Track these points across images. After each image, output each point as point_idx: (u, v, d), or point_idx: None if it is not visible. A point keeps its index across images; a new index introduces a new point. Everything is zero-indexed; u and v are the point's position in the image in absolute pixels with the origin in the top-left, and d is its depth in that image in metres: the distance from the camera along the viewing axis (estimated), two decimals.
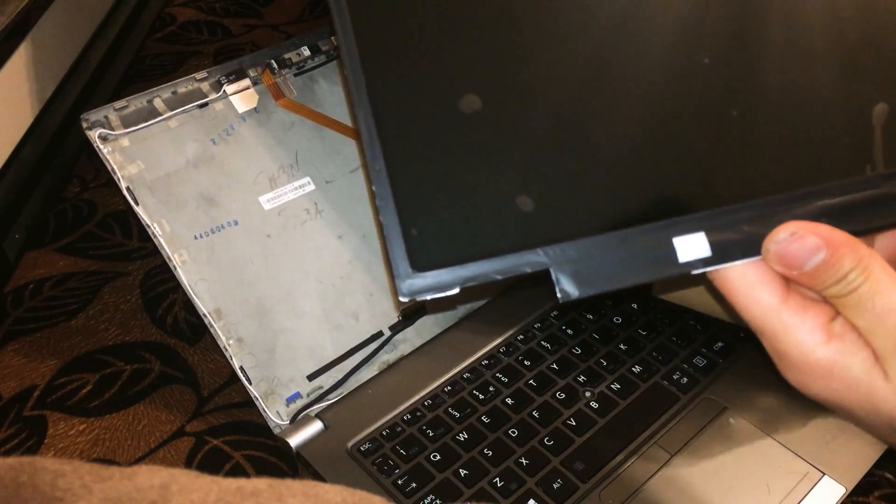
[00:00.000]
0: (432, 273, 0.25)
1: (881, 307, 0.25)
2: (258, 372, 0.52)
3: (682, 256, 0.26)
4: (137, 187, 0.50)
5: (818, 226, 0.26)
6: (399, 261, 0.25)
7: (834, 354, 0.26)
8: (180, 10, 1.08)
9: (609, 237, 0.26)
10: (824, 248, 0.26)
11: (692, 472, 0.47)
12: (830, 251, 0.26)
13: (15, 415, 0.56)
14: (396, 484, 0.47)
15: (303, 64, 0.56)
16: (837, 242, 0.26)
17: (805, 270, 0.26)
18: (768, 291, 0.27)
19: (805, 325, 0.27)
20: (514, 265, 0.25)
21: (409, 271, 0.25)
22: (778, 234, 0.26)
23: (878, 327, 0.26)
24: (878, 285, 0.25)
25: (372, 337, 0.55)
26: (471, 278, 0.25)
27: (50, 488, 0.24)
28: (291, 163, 0.54)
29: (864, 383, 0.26)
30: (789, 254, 0.26)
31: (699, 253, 0.26)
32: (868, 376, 0.26)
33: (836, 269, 0.26)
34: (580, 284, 0.25)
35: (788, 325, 0.27)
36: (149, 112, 0.51)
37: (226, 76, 0.53)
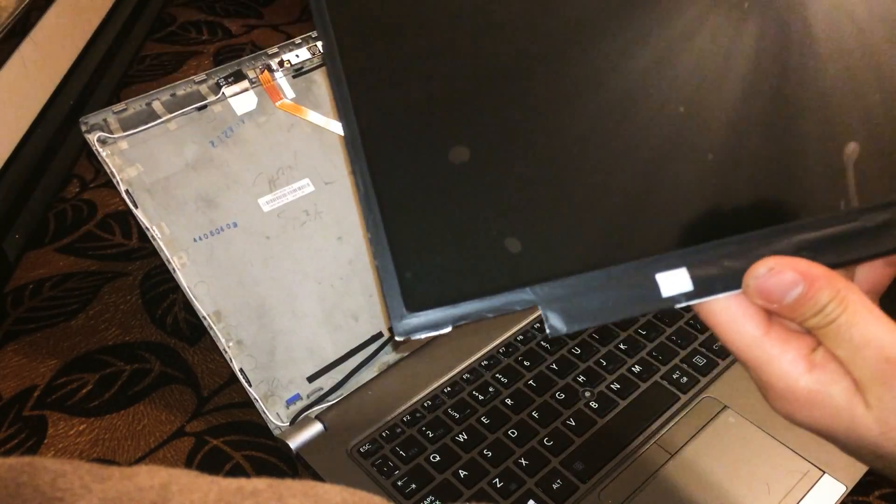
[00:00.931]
0: (426, 313, 0.26)
1: (859, 337, 0.26)
2: (258, 374, 0.52)
3: (666, 291, 0.27)
4: (136, 190, 0.50)
5: (796, 260, 0.27)
6: (394, 302, 0.26)
7: (816, 384, 0.27)
8: (180, 10, 1.08)
9: (594, 275, 0.27)
10: (802, 282, 0.26)
11: (692, 472, 0.48)
12: (808, 285, 0.26)
13: (15, 415, 0.56)
14: (396, 485, 0.47)
15: (301, 65, 0.56)
16: (814, 276, 0.27)
17: (785, 304, 0.27)
18: (751, 324, 0.28)
19: (787, 355, 0.27)
20: (504, 304, 0.27)
21: (403, 312, 0.26)
22: (757, 269, 0.27)
23: (856, 357, 0.26)
24: (856, 316, 0.26)
25: (372, 338, 0.55)
26: (462, 317, 0.26)
27: (50, 488, 0.24)
28: (290, 164, 0.54)
29: (846, 411, 0.27)
30: (768, 288, 0.27)
31: (682, 288, 0.27)
32: (849, 404, 0.27)
33: (814, 302, 0.27)
34: (568, 321, 0.27)
35: (772, 355, 0.28)
36: (148, 115, 0.51)
37: (224, 78, 0.53)
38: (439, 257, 0.26)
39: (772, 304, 0.27)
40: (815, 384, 0.27)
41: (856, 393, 0.27)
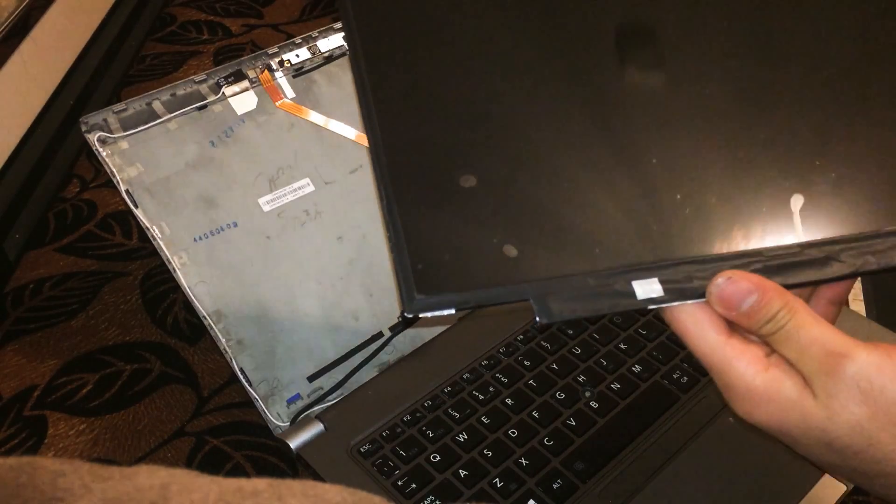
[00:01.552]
0: (433, 297, 0.31)
1: (805, 338, 0.30)
2: (258, 374, 0.52)
3: (640, 295, 0.32)
4: (137, 190, 0.50)
5: (750, 274, 0.32)
6: (407, 286, 0.31)
7: (770, 381, 0.31)
8: (180, 10, 1.08)
9: (578, 278, 0.32)
10: (756, 292, 0.31)
11: (692, 472, 0.48)
12: (761, 294, 0.31)
13: (15, 415, 0.56)
14: (396, 485, 0.47)
15: (302, 65, 0.56)
16: (767, 287, 0.31)
17: (742, 311, 0.31)
18: (714, 330, 0.32)
19: (745, 358, 0.31)
20: (499, 295, 0.32)
21: (414, 294, 0.31)
22: (717, 278, 0.31)
23: (803, 356, 0.30)
24: (802, 322, 0.31)
25: (372, 338, 0.55)
26: (463, 302, 0.31)
27: (50, 488, 0.24)
28: (290, 164, 0.54)
29: (797, 403, 0.30)
30: (726, 296, 0.31)
31: (653, 293, 0.32)
32: (800, 396, 0.30)
33: (766, 310, 0.31)
34: (554, 312, 0.31)
35: (731, 358, 0.31)
36: (148, 114, 0.51)
37: (224, 78, 0.53)
38: (447, 255, 0.32)
39: (730, 312, 0.31)
40: (770, 381, 0.31)
41: (805, 386, 0.31)
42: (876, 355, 0.30)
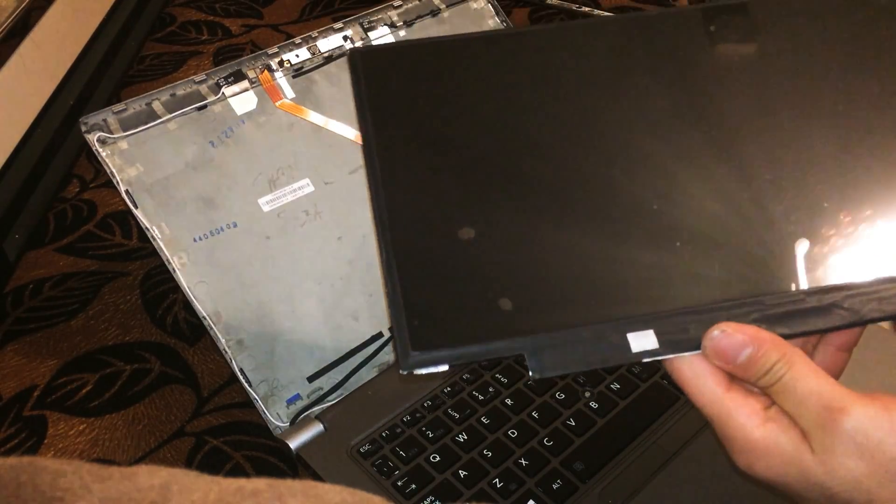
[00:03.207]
0: (428, 353, 0.31)
1: (802, 391, 0.30)
2: (258, 374, 0.52)
3: (635, 348, 0.31)
4: (136, 190, 0.50)
5: (746, 326, 0.31)
6: (402, 343, 0.31)
7: (769, 434, 0.31)
8: (180, 10, 1.08)
9: (574, 331, 0.32)
10: (751, 344, 0.31)
11: (692, 472, 0.48)
12: (756, 346, 0.31)
13: (15, 415, 0.56)
14: (396, 485, 0.47)
15: (301, 65, 0.56)
16: (762, 339, 0.31)
17: (738, 363, 0.31)
18: (713, 381, 0.32)
19: (745, 410, 0.31)
20: (494, 351, 0.31)
21: (409, 351, 0.31)
22: (712, 331, 0.31)
23: (801, 409, 0.30)
24: (799, 374, 0.30)
25: (372, 338, 0.55)
26: (458, 358, 0.31)
27: (50, 488, 0.24)
28: (290, 164, 0.54)
29: (795, 458, 0.30)
30: (721, 348, 0.31)
31: (648, 346, 0.31)
32: (797, 451, 0.30)
33: (763, 362, 0.31)
34: (548, 367, 0.31)
35: (731, 410, 0.31)
36: (147, 115, 0.51)
37: (224, 78, 0.53)
38: (442, 310, 0.32)
39: (727, 364, 0.31)
40: (768, 434, 0.31)
41: (802, 441, 0.30)
42: (872, 409, 0.29)
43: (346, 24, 0.58)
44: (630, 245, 0.33)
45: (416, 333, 0.31)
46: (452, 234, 0.33)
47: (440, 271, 0.32)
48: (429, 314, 0.31)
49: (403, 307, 0.31)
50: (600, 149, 0.34)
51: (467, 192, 0.33)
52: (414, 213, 0.33)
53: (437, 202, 0.33)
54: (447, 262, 0.32)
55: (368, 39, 0.59)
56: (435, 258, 0.32)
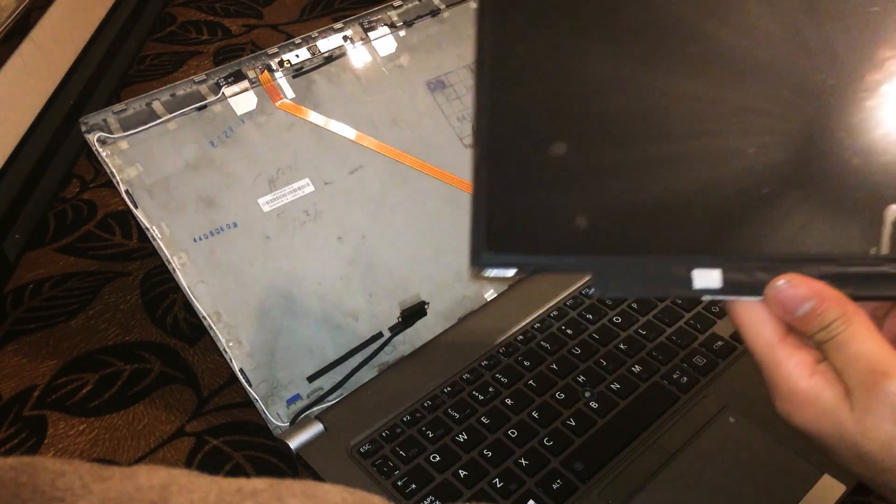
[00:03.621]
0: (500, 255, 0.32)
1: (853, 351, 0.31)
2: (258, 374, 0.52)
3: (697, 284, 0.32)
4: (136, 190, 0.50)
5: (811, 280, 0.31)
6: (478, 240, 0.32)
7: (813, 386, 0.32)
8: (180, 10, 1.08)
9: (642, 258, 0.32)
10: (813, 299, 0.31)
11: (692, 472, 0.48)
12: (818, 301, 0.31)
13: (15, 415, 0.56)
14: (396, 485, 0.47)
15: (301, 65, 0.56)
16: (826, 296, 0.31)
17: (797, 315, 0.31)
18: (770, 329, 0.32)
19: (794, 360, 0.32)
20: (563, 265, 0.33)
21: (483, 250, 0.32)
22: (777, 280, 0.32)
23: (849, 367, 0.31)
24: (855, 334, 0.31)
25: (372, 338, 0.55)
26: (527, 266, 0.33)
27: (50, 488, 0.24)
28: (290, 164, 0.54)
29: (834, 413, 0.31)
30: (784, 298, 0.31)
31: (711, 284, 0.32)
32: (837, 407, 0.31)
33: (822, 318, 0.31)
34: (610, 289, 0.32)
35: (782, 359, 0.32)
36: (147, 115, 0.51)
37: (224, 78, 0.53)
38: (522, 217, 0.33)
39: (786, 315, 0.32)
40: (812, 387, 0.31)
41: (845, 398, 0.31)
42: None
43: (346, 24, 0.58)
44: (714, 183, 0.33)
45: (493, 234, 0.32)
46: (546, 146, 0.33)
47: (527, 180, 0.33)
48: (508, 218, 0.33)
49: (486, 206, 0.32)
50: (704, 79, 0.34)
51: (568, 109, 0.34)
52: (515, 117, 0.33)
53: (538, 113, 0.34)
54: (535, 172, 0.33)
55: (368, 40, 0.59)
56: (525, 166, 0.33)
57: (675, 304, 0.58)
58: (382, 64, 0.59)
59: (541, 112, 0.34)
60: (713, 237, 0.33)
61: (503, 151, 0.33)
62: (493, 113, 0.33)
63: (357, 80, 0.58)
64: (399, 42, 0.60)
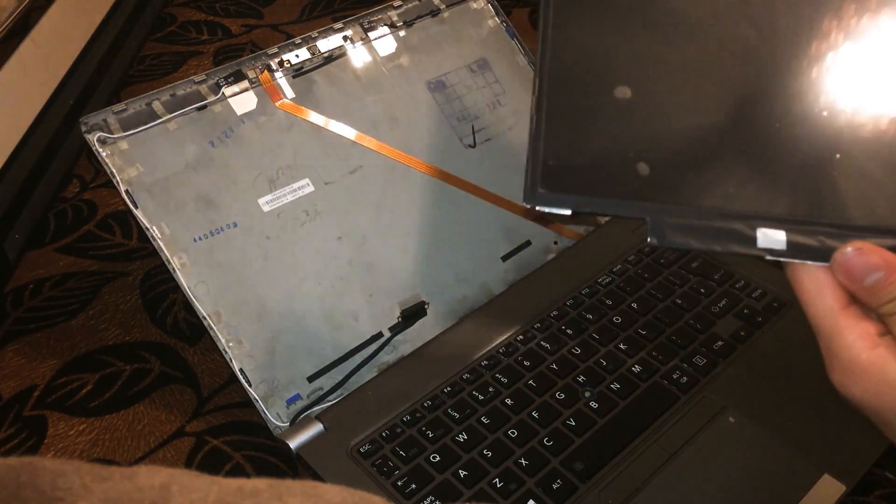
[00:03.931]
0: (556, 194, 0.31)
1: None
2: (258, 374, 0.52)
3: (761, 243, 0.31)
4: (136, 190, 0.50)
5: (882, 250, 0.30)
6: (533, 178, 0.31)
7: (876, 358, 0.30)
8: (180, 10, 1.08)
9: (705, 210, 0.31)
10: (884, 268, 0.30)
11: (692, 472, 0.48)
12: (889, 272, 0.30)
13: (15, 415, 0.56)
14: (396, 485, 0.47)
15: (301, 65, 0.56)
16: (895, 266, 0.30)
17: (865, 285, 0.30)
18: (832, 296, 0.31)
19: (856, 330, 0.31)
20: (619, 208, 0.32)
21: (538, 187, 0.31)
22: (846, 247, 0.30)
23: None
24: None
25: (372, 338, 0.56)
26: (583, 206, 0.31)
27: (50, 488, 0.24)
28: (290, 164, 0.54)
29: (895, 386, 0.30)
30: (852, 266, 0.30)
31: (776, 245, 0.31)
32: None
33: (891, 289, 0.30)
34: (668, 237, 0.31)
35: (843, 328, 0.31)
36: (147, 115, 0.51)
37: (224, 78, 0.53)
38: (580, 157, 0.32)
39: (852, 284, 0.30)
40: (875, 358, 0.30)
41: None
42: None
43: (346, 24, 0.58)
44: (786, 144, 0.32)
45: (550, 171, 0.31)
46: (610, 89, 0.32)
47: (588, 121, 0.32)
48: (566, 157, 0.32)
49: (543, 144, 0.31)
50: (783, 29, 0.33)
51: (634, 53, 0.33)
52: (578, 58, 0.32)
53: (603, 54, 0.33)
54: (597, 114, 0.32)
55: (368, 40, 0.59)
56: (586, 107, 0.32)
57: (676, 304, 0.58)
58: (382, 64, 0.59)
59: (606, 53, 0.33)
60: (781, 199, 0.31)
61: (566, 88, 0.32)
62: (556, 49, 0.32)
63: (357, 80, 0.58)
64: (399, 42, 0.60)
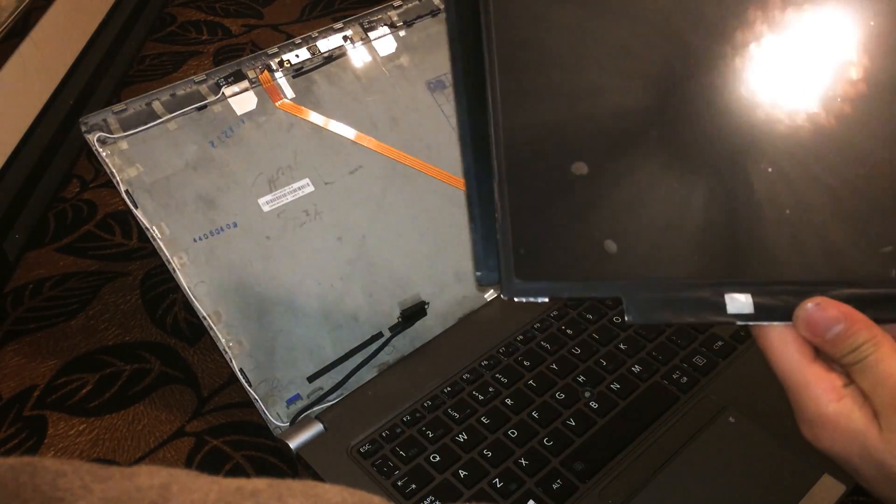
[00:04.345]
0: (531, 283, 0.32)
1: (882, 372, 0.31)
2: (258, 374, 0.52)
3: (730, 309, 0.32)
4: (136, 190, 0.50)
5: (841, 303, 0.32)
6: (507, 269, 0.31)
7: (841, 409, 0.32)
8: (180, 10, 1.08)
9: (674, 282, 0.32)
10: (844, 322, 0.31)
11: (692, 472, 0.48)
12: (848, 324, 0.31)
13: (15, 415, 0.56)
14: (396, 485, 0.47)
15: (301, 65, 0.56)
16: (856, 318, 0.31)
17: (827, 338, 0.31)
18: (798, 351, 0.32)
19: (822, 384, 0.32)
20: (594, 290, 0.32)
21: (513, 278, 0.31)
22: (806, 304, 0.32)
23: (877, 388, 0.31)
24: (884, 356, 0.31)
25: (372, 338, 0.55)
26: (559, 291, 0.32)
27: (50, 488, 0.24)
28: (290, 164, 0.54)
29: (861, 434, 0.31)
30: (814, 322, 0.32)
31: (744, 310, 0.32)
32: (865, 428, 0.31)
33: (852, 340, 0.31)
34: (642, 314, 0.32)
35: (810, 382, 0.32)
36: (147, 115, 0.51)
37: (224, 78, 0.53)
38: (550, 242, 0.32)
39: (815, 337, 0.32)
40: (840, 410, 0.32)
41: (873, 420, 0.31)
42: None
43: (346, 24, 0.58)
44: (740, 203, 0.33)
45: (522, 262, 0.31)
46: (566, 167, 0.32)
47: (550, 203, 0.32)
48: (536, 244, 0.32)
49: (512, 233, 0.31)
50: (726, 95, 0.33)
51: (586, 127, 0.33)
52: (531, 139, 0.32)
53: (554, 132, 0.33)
54: (558, 194, 0.32)
55: (368, 40, 0.59)
56: (547, 189, 0.32)
57: None
58: (382, 64, 0.59)
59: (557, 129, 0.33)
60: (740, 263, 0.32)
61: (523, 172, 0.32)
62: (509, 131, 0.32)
63: (357, 80, 0.58)
64: (399, 42, 0.60)
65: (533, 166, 0.32)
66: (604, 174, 0.32)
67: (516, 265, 0.31)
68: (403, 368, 0.55)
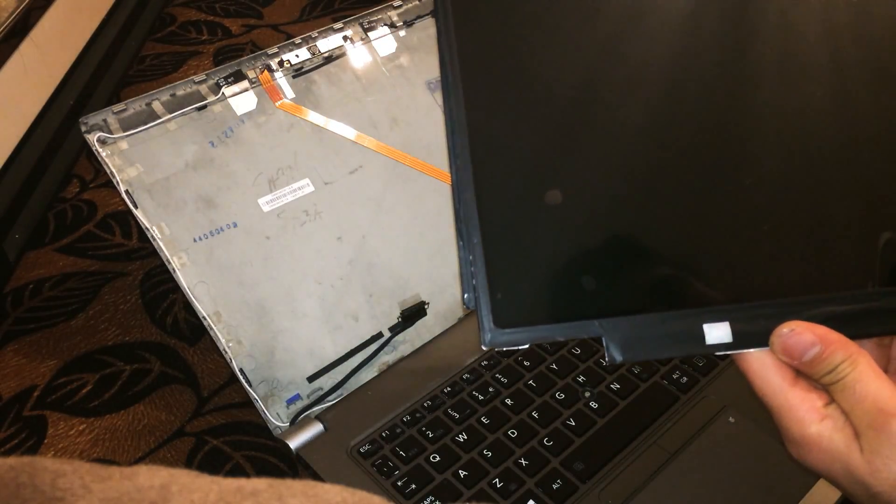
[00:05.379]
0: (510, 330, 0.31)
1: (860, 392, 0.31)
2: (258, 374, 0.52)
3: (710, 340, 0.32)
4: (136, 190, 0.50)
5: (815, 325, 0.32)
6: (485, 317, 0.31)
7: (823, 430, 0.32)
8: (180, 10, 1.08)
9: (653, 317, 0.32)
10: (819, 344, 0.32)
11: (692, 472, 0.48)
12: (824, 346, 0.32)
13: (15, 415, 0.56)
14: (396, 485, 0.47)
15: (301, 65, 0.56)
16: (830, 340, 0.32)
17: (804, 361, 0.32)
18: (779, 376, 0.33)
19: (804, 405, 0.32)
20: (574, 331, 0.32)
21: (492, 327, 0.31)
22: (781, 329, 0.32)
23: (856, 408, 0.31)
24: (861, 375, 0.31)
25: (372, 338, 0.55)
26: (539, 337, 0.32)
27: (50, 488, 0.24)
28: (290, 164, 0.54)
29: (844, 454, 0.31)
30: (789, 346, 0.32)
31: (723, 339, 0.32)
32: (847, 448, 0.31)
33: (829, 361, 0.32)
34: (625, 352, 0.32)
35: (792, 404, 0.33)
36: (147, 115, 0.51)
37: (224, 78, 0.53)
38: (525, 285, 0.32)
39: (793, 361, 0.32)
40: (822, 430, 0.32)
41: (854, 439, 0.31)
42: None
43: (346, 24, 0.58)
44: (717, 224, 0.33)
45: (499, 309, 0.31)
46: (539, 197, 0.32)
47: (525, 241, 0.32)
48: (512, 289, 0.31)
49: (487, 280, 0.31)
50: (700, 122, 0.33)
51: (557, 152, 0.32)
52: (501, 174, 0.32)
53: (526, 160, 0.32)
54: (532, 230, 0.32)
55: (368, 39, 0.59)
56: (521, 226, 0.32)
57: None
58: (382, 64, 0.59)
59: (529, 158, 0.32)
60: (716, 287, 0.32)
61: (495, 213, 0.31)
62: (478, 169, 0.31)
63: (357, 80, 0.58)
64: (399, 42, 0.60)
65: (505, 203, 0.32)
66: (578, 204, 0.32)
67: (494, 313, 0.31)
68: (403, 368, 0.55)
